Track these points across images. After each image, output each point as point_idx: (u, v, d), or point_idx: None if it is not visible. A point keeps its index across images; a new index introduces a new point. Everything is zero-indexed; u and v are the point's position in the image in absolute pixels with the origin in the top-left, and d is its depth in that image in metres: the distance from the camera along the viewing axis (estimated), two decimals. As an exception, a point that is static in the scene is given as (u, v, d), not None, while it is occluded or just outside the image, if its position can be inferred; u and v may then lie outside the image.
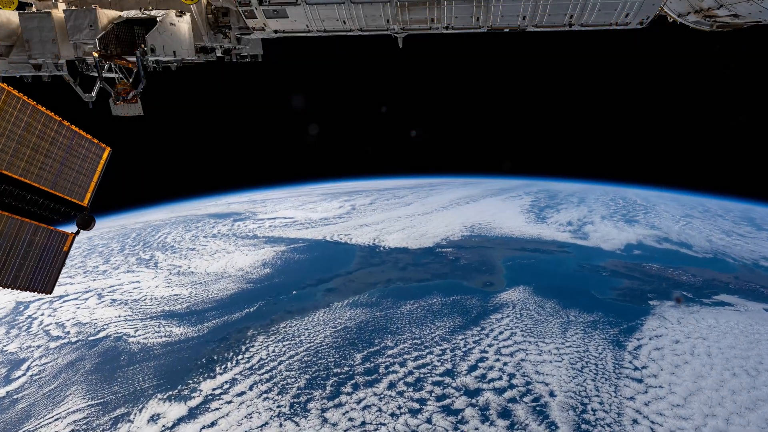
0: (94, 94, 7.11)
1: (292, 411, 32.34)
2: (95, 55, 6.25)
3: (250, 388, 35.13)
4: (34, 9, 6.57)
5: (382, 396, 33.57)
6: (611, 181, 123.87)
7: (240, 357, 39.66)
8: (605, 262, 56.05)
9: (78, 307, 51.36)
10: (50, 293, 6.30)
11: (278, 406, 32.87)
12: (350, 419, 31.33)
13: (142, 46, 6.45)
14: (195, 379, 36.65)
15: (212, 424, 31.42)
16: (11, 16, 6.35)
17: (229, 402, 33.71)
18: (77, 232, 6.06)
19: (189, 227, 79.23)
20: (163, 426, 31.54)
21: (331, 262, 58.17)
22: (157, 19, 6.51)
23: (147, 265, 61.24)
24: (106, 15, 6.37)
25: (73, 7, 6.35)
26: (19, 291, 5.83)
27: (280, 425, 30.80)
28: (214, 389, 35.24)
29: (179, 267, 59.75)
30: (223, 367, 38.44)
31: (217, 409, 33.02)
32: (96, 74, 6.92)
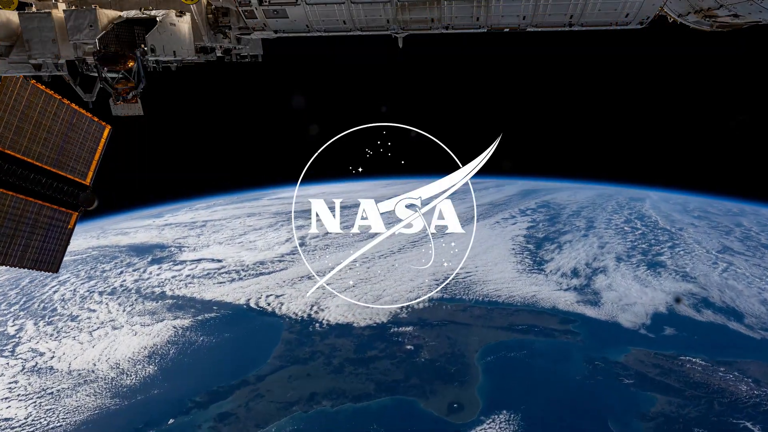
0: (94, 94, 6.87)
1: None
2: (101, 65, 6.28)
3: None
4: (34, 9, 6.42)
5: None
6: (617, 182, 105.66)
7: None
8: (626, 354, 39.60)
9: None
10: (56, 272, 6.16)
11: None
12: None
13: (142, 46, 6.33)
14: None
15: None
16: (11, 16, 6.29)
17: None
18: (81, 211, 6.16)
19: (95, 270, 62.85)
20: None
21: (244, 351, 41.97)
22: (157, 19, 6.41)
23: (2, 351, 45.22)
24: (106, 15, 6.23)
25: (73, 7, 6.21)
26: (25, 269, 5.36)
27: None
28: None
29: (41, 356, 43.73)
30: None
31: None
32: (96, 74, 6.63)
